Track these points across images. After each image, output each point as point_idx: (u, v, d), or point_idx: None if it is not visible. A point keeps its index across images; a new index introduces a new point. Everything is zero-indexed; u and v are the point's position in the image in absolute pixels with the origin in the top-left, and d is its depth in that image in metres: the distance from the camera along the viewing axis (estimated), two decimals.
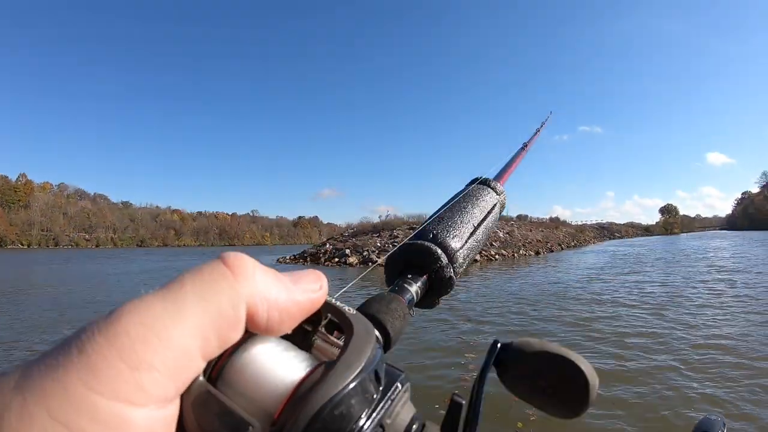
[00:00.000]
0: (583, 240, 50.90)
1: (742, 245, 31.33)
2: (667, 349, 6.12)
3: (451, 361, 5.99)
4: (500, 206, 0.69)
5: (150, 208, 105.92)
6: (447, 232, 0.55)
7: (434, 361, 5.95)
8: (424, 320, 8.63)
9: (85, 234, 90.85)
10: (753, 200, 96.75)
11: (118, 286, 16.87)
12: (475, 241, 0.58)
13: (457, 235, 0.55)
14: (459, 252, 0.54)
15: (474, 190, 0.66)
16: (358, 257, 25.52)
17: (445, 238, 0.54)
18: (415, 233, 0.54)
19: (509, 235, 34.31)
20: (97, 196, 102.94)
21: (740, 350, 5.86)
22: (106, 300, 12.66)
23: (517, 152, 0.97)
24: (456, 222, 0.57)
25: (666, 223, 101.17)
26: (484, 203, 0.64)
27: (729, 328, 7.23)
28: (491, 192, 0.68)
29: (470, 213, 0.60)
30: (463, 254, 0.55)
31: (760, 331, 6.96)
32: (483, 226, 0.61)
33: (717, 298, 10.13)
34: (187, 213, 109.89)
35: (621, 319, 8.23)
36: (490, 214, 0.64)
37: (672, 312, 8.76)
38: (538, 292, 12.38)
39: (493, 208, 0.66)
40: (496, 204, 0.67)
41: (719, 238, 51.43)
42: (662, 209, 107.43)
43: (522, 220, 47.20)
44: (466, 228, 0.58)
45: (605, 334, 7.11)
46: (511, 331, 7.78)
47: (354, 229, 32.37)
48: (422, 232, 0.54)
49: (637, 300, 10.35)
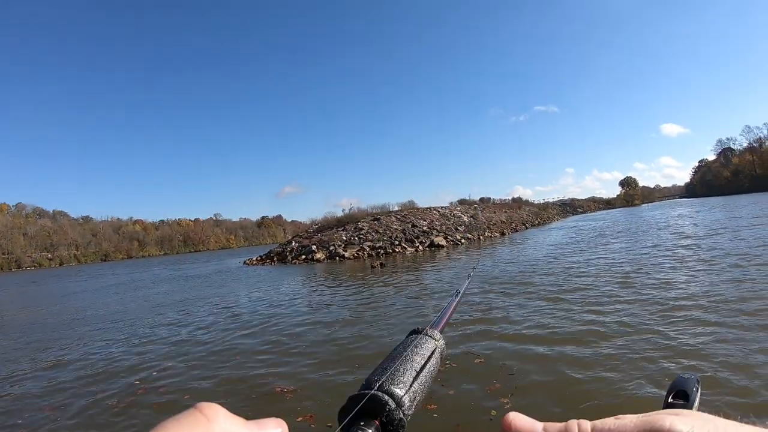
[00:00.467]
0: (547, 218, 52.30)
1: (700, 211, 32.72)
2: (637, 312, 6.38)
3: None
4: (440, 351, 0.74)
5: (111, 221, 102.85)
6: (392, 379, 0.59)
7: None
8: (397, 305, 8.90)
9: (47, 253, 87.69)
10: (710, 167, 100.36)
11: (90, 302, 16.53)
12: (419, 385, 0.62)
13: (401, 381, 0.59)
14: (405, 396, 0.58)
15: (413, 340, 0.72)
16: (324, 253, 25.59)
17: (390, 385, 0.58)
18: (361, 385, 0.58)
19: (473, 218, 34.96)
20: (56, 213, 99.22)
21: (707, 308, 6.13)
22: (77, 318, 12.50)
23: (451, 300, 1.02)
24: (399, 369, 0.62)
25: (626, 195, 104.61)
26: (423, 350, 0.69)
27: (695, 287, 7.58)
28: (430, 339, 0.73)
29: (411, 360, 0.65)
30: (410, 397, 0.59)
31: (723, 288, 7.29)
32: (425, 371, 0.66)
33: (680, 262, 10.57)
34: (149, 222, 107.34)
35: (592, 289, 8.51)
36: (430, 359, 0.69)
37: (639, 277, 9.10)
38: (506, 271, 12.74)
39: (432, 353, 0.71)
40: (435, 349, 0.72)
41: (679, 206, 53.47)
42: (622, 182, 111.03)
43: (485, 203, 48.14)
44: (409, 374, 0.63)
45: (577, 304, 7.37)
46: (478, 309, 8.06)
47: (318, 224, 32.37)
48: (368, 382, 0.58)
49: (603, 269, 10.73)
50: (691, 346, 4.78)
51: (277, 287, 14.66)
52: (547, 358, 4.94)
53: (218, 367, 5.87)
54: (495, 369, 4.72)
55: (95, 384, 5.66)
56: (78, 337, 9.03)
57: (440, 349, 0.73)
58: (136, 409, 4.63)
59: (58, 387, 5.72)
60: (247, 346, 6.84)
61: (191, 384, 5.31)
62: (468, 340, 5.86)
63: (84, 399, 5.11)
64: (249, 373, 5.44)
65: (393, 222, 29.36)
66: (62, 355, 7.66)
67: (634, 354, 4.70)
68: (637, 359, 4.55)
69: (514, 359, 4.96)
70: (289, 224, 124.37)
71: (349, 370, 5.20)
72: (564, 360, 4.80)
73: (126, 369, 6.28)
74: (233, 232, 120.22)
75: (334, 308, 9.49)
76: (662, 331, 5.38)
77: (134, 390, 5.23)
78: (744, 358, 4.32)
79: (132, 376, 5.83)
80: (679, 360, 4.44)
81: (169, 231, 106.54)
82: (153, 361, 6.51)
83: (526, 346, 5.43)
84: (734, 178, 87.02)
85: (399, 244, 25.48)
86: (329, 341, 6.63)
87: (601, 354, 4.85)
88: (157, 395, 4.98)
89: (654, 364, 4.38)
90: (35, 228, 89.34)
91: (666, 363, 4.38)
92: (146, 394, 5.05)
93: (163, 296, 15.51)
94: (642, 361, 4.49)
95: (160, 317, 10.59)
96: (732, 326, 5.28)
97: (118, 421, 4.40)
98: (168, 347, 7.34)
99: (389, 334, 6.59)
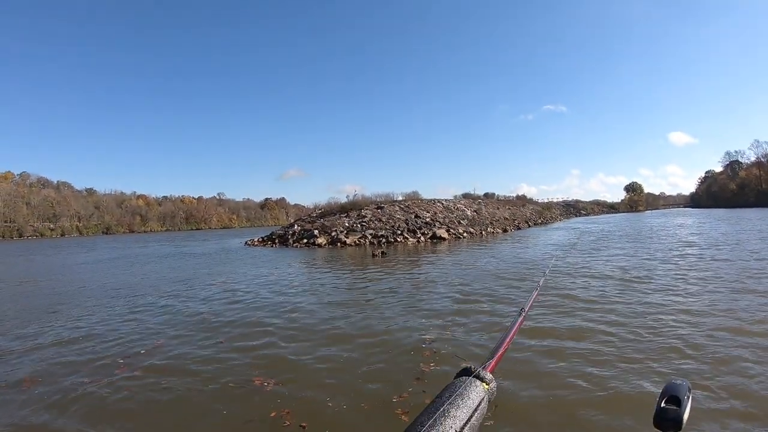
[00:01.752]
0: (550, 217, 52.18)
1: (705, 222, 32.52)
2: (633, 316, 6.30)
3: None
4: (488, 398, 0.70)
5: (115, 195, 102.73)
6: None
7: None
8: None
9: (49, 223, 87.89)
10: (716, 179, 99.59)
11: (95, 274, 16.60)
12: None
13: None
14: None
15: (461, 385, 0.68)
16: (326, 238, 25.55)
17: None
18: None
19: (477, 213, 34.87)
20: (60, 184, 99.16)
21: (701, 319, 6.00)
22: (83, 289, 12.54)
23: (513, 324, 0.98)
24: (440, 426, 0.58)
25: (631, 200, 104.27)
26: (470, 401, 0.65)
27: (693, 297, 7.43)
28: (480, 385, 0.69)
29: (453, 416, 0.61)
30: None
31: (723, 302, 7.12)
32: (468, 427, 0.62)
33: (682, 271, 10.32)
34: (152, 198, 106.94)
35: (591, 290, 8.39)
36: (476, 411, 0.65)
37: (637, 283, 8.92)
38: (507, 267, 12.69)
39: (480, 403, 0.67)
40: (483, 398, 0.68)
41: (683, 215, 53.30)
42: (627, 187, 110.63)
43: (489, 198, 48.03)
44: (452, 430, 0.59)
45: (577, 303, 7.29)
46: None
47: (322, 209, 32.32)
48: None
49: (605, 273, 10.53)
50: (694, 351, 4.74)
51: (277, 269, 14.66)
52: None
53: (198, 352, 5.58)
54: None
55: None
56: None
57: (489, 395, 0.69)
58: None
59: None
60: (233, 333, 6.50)
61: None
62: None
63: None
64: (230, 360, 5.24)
65: (396, 211, 29.30)
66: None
67: (626, 358, 4.63)
68: (627, 364, 4.48)
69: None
70: (291, 207, 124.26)
71: (336, 365, 4.89)
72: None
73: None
74: (236, 212, 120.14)
75: (331, 295, 9.31)
76: (660, 335, 5.32)
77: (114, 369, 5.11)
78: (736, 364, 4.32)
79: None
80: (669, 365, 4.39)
81: (172, 207, 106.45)
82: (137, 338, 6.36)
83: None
84: (740, 191, 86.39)
85: (401, 234, 25.43)
86: (321, 330, 6.35)
87: (598, 356, 4.77)
88: (127, 379, 4.75)
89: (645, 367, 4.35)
90: (38, 198, 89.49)
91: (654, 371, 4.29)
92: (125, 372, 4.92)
93: (165, 272, 15.54)
94: (635, 363, 4.46)
95: (150, 296, 10.57)
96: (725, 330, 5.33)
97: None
98: (154, 325, 7.17)
99: (386, 328, 6.27)
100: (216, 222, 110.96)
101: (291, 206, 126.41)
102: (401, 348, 5.29)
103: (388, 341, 5.59)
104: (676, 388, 0.88)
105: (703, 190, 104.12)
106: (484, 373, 0.71)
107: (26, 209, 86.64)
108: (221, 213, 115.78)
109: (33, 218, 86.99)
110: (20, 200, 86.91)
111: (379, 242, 24.25)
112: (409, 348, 5.26)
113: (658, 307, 6.78)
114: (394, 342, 5.54)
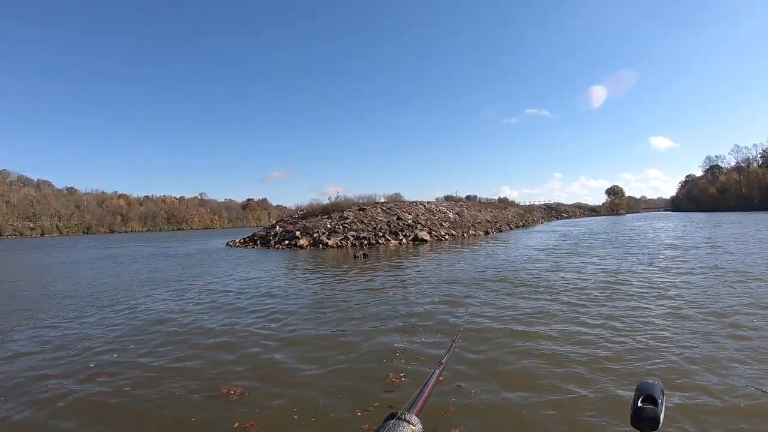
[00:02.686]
0: (532, 220, 52.84)
1: (685, 225, 33.26)
2: (610, 316, 6.53)
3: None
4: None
5: (96, 194, 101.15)
6: None
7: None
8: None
9: (29, 222, 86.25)
10: (696, 183, 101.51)
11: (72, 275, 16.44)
12: None
13: None
14: None
15: (388, 427, 0.73)
16: (308, 239, 25.61)
17: None
18: None
19: (459, 215, 35.23)
20: (40, 183, 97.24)
21: (678, 318, 6.25)
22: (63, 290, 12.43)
23: (432, 374, 1.04)
24: None
25: (612, 203, 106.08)
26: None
27: (673, 300, 7.64)
28: (407, 426, 0.74)
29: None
30: None
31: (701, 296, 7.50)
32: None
33: (660, 273, 10.66)
34: (133, 198, 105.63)
35: (571, 292, 8.58)
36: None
37: (615, 285, 9.18)
38: (485, 270, 12.85)
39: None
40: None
41: (664, 218, 54.28)
42: (608, 190, 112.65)
43: (471, 201, 48.43)
44: None
45: (558, 304, 7.51)
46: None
47: (304, 210, 32.34)
48: None
49: (583, 275, 10.80)
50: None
51: (257, 271, 14.71)
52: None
53: (164, 358, 5.45)
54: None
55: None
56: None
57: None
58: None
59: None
60: (202, 338, 6.35)
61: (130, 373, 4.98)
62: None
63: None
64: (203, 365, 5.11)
65: (379, 213, 29.48)
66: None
67: (601, 356, 4.81)
68: (602, 363, 4.62)
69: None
70: (274, 208, 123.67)
71: (307, 375, 4.69)
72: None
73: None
74: (217, 213, 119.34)
75: (308, 299, 9.11)
76: (636, 337, 5.49)
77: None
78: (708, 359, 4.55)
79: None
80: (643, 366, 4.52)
81: (154, 207, 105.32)
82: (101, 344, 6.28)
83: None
84: (720, 195, 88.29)
85: (383, 236, 25.62)
86: (295, 338, 6.15)
87: (575, 353, 4.94)
88: (97, 384, 4.69)
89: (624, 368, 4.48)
90: (18, 196, 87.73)
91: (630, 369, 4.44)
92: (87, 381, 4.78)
93: (144, 273, 15.47)
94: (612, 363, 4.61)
95: (121, 300, 10.52)
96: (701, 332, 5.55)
97: None
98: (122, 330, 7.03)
99: (360, 338, 6.00)
100: (197, 222, 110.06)
101: (273, 207, 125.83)
102: (372, 357, 5.14)
103: (360, 350, 5.42)
104: (650, 387, 0.91)
105: (684, 194, 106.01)
106: (411, 417, 0.76)
107: (5, 208, 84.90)
108: (203, 213, 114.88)
109: (12, 217, 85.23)
110: (0, 198, 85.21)
111: (361, 244, 24.39)
112: (380, 357, 5.12)
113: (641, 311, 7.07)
114: (367, 352, 5.35)
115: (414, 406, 0.84)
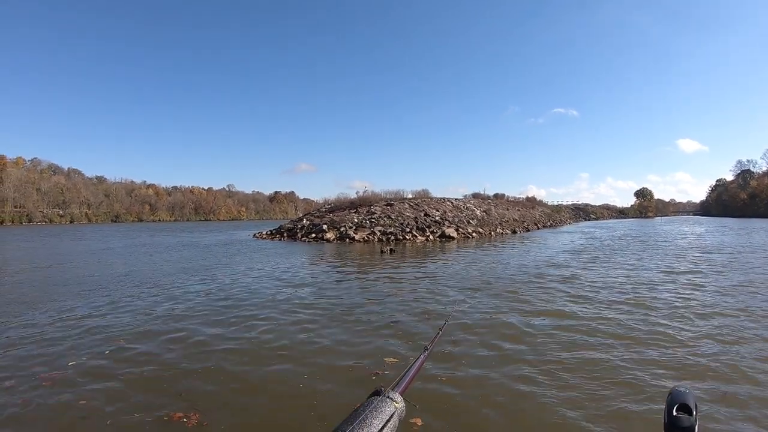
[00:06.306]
0: (559, 220, 51.83)
1: (716, 231, 32.11)
2: (641, 322, 6.23)
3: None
4: (398, 416, 0.77)
5: (125, 183, 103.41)
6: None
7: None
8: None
9: (59, 210, 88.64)
10: (727, 188, 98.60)
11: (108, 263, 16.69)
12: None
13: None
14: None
15: (372, 403, 0.76)
16: (335, 233, 25.50)
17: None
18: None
19: (486, 213, 34.66)
20: (70, 171, 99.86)
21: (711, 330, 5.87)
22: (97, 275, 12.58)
23: (418, 357, 1.07)
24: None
25: (641, 206, 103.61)
26: (382, 414, 0.73)
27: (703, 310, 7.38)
28: (390, 402, 0.77)
29: (369, 424, 0.69)
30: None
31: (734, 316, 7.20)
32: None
33: (696, 281, 10.32)
34: (162, 188, 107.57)
35: (600, 295, 8.28)
36: (388, 423, 0.72)
37: (647, 291, 8.82)
38: (513, 274, 12.49)
39: (390, 417, 0.74)
40: (394, 413, 0.76)
41: (692, 223, 52.76)
42: (637, 192, 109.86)
43: (499, 199, 47.71)
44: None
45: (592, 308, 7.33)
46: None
47: (331, 204, 32.33)
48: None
49: (615, 279, 10.49)
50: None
51: (283, 263, 14.61)
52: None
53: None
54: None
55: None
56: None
57: (399, 413, 0.77)
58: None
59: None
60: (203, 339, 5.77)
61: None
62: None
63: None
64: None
65: (406, 209, 29.18)
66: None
67: (630, 363, 4.59)
68: (630, 368, 4.42)
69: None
70: (301, 201, 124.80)
71: (294, 389, 4.13)
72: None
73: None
74: (245, 205, 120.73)
75: (334, 296, 8.52)
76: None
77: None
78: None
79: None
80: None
81: (182, 198, 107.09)
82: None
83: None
84: (750, 200, 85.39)
85: (410, 232, 25.31)
86: (307, 343, 5.52)
87: (605, 361, 4.73)
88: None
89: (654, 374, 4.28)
90: (49, 184, 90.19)
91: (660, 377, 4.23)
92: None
93: (175, 262, 15.55)
94: (636, 370, 4.39)
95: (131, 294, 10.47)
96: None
97: None
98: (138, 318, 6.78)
99: (384, 343, 5.43)
100: (225, 214, 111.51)
101: (300, 200, 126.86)
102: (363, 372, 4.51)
103: (358, 366, 4.67)
104: (684, 395, 0.86)
105: (714, 199, 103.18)
106: (394, 395, 0.79)
107: (36, 195, 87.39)
108: (230, 205, 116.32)
109: (43, 204, 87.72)
110: (31, 186, 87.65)
111: (387, 239, 24.16)
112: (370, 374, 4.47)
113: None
114: (361, 368, 4.62)
115: (399, 386, 0.86)
